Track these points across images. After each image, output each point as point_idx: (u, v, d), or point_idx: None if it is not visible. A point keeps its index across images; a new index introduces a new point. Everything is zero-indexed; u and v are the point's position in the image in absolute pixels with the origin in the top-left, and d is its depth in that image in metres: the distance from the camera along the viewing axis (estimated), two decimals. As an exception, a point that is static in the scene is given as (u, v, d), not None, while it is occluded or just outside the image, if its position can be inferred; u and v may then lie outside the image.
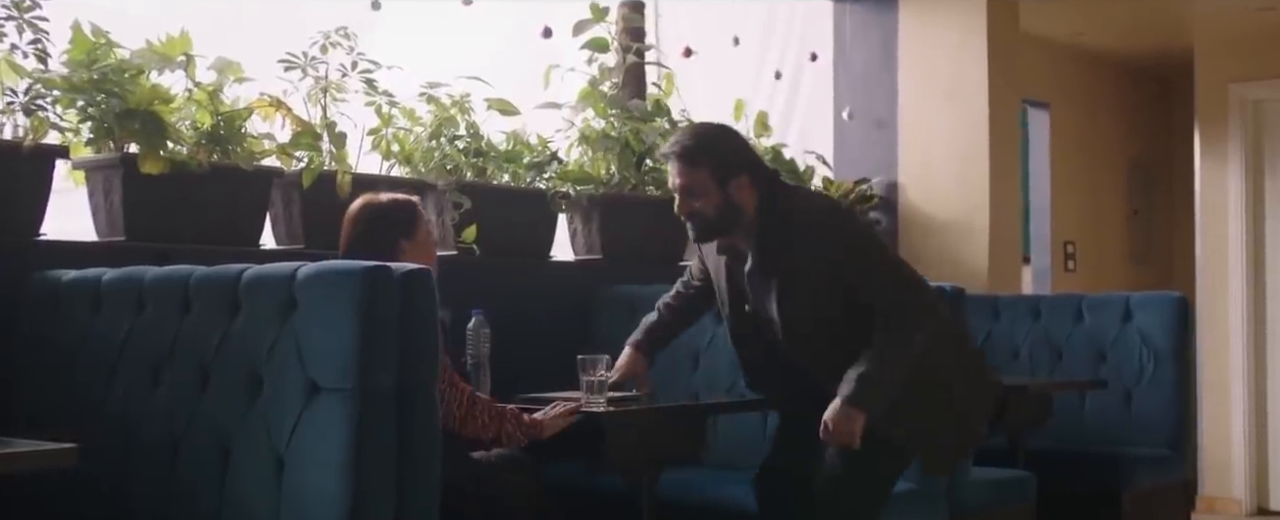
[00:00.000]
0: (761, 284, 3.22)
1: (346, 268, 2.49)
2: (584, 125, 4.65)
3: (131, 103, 3.40)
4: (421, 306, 2.51)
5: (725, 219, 3.20)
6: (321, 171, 3.83)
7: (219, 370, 2.64)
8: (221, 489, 2.57)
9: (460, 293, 4.09)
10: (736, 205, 3.19)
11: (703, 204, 3.20)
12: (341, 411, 2.42)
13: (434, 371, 2.53)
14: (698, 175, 3.19)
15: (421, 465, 2.51)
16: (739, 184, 3.19)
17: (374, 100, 3.99)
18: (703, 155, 3.19)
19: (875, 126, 6.02)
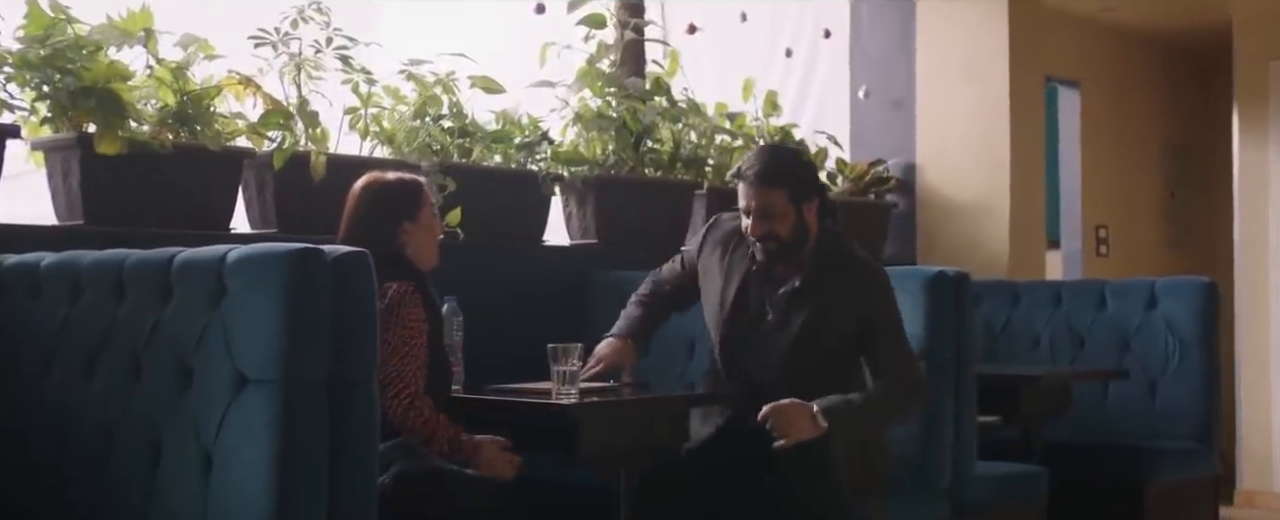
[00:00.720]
0: (797, 305, 3.25)
1: (274, 250, 2.33)
2: (580, 105, 4.47)
3: (87, 80, 3.26)
4: (358, 291, 2.34)
5: (795, 241, 3.25)
6: (295, 152, 3.67)
7: (150, 360, 2.49)
8: (152, 484, 2.42)
9: (443, 278, 3.95)
10: (806, 227, 3.26)
11: (779, 226, 3.23)
12: (268, 405, 2.26)
13: (372, 362, 2.35)
14: (776, 196, 3.21)
15: (358, 463, 2.34)
16: (810, 207, 3.26)
17: (350, 78, 3.82)
18: (781, 176, 3.23)
19: (892, 106, 5.81)
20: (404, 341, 2.84)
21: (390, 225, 3.02)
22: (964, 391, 3.66)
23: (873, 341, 3.22)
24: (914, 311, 3.60)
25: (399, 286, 2.89)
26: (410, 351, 2.85)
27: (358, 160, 3.88)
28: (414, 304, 2.89)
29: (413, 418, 2.81)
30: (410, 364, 2.83)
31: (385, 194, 3.08)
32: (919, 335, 3.59)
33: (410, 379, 2.83)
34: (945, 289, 3.63)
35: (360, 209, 3.05)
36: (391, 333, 2.83)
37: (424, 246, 3.08)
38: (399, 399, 2.81)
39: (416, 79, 3.95)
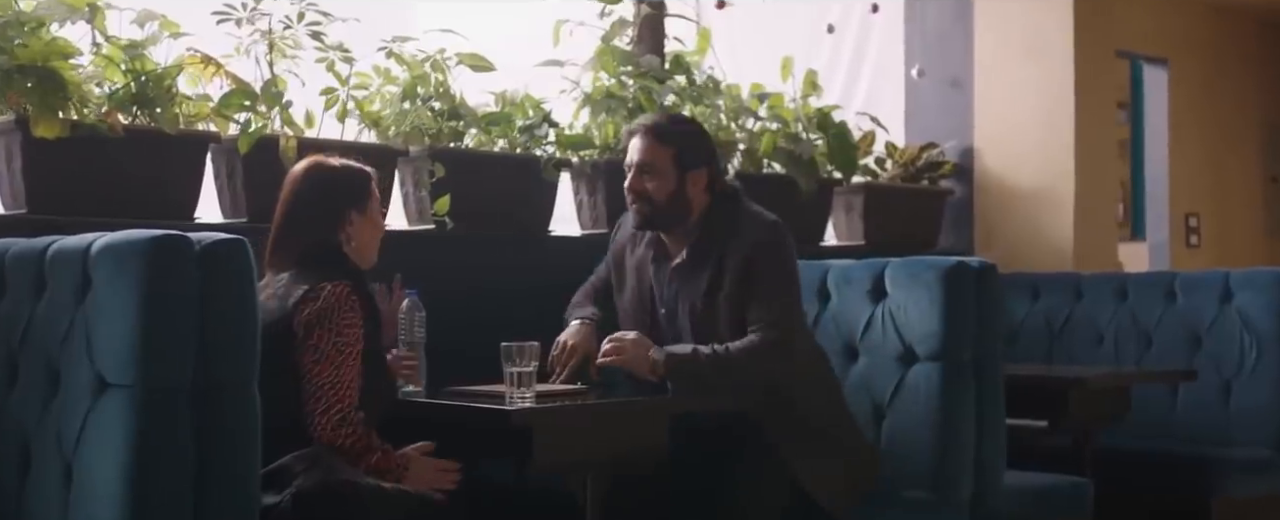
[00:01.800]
0: (689, 280, 3.14)
1: (133, 239, 2.07)
2: (594, 85, 4.16)
3: (23, 58, 3.04)
4: (232, 286, 2.08)
5: (672, 209, 3.14)
6: (263, 136, 3.43)
7: (24, 360, 2.26)
8: (20, 496, 2.19)
9: (430, 270, 3.68)
10: (686, 198, 3.14)
11: (656, 186, 3.13)
12: (124, 413, 2.01)
13: (252, 365, 2.08)
14: (662, 154, 3.14)
15: (232, 480, 2.08)
16: (696, 178, 3.14)
17: (325, 56, 3.57)
18: (672, 136, 3.16)
19: (949, 86, 5.42)
20: (338, 350, 2.56)
21: (335, 214, 2.75)
22: (988, 394, 3.29)
23: (748, 294, 3.04)
24: (930, 305, 3.25)
25: (334, 288, 2.60)
26: (345, 360, 2.56)
27: (333, 145, 3.62)
28: (350, 308, 2.60)
29: (344, 435, 2.53)
30: (345, 374, 2.55)
31: (331, 180, 2.80)
32: (935, 331, 3.24)
33: (344, 391, 2.55)
34: (964, 282, 3.27)
35: (301, 194, 2.77)
36: (324, 339, 2.55)
37: (367, 242, 2.80)
38: (329, 414, 2.52)
39: (398, 57, 3.68)
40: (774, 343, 3.02)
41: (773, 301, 3.05)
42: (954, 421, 3.23)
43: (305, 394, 2.50)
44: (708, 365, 3.00)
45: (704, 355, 3.01)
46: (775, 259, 3.08)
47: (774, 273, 3.07)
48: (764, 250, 3.07)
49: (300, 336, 2.54)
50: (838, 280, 3.48)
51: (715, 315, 3.08)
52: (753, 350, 3.01)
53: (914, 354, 3.29)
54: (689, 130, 3.24)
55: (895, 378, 3.31)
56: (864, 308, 3.40)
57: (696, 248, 3.12)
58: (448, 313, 3.52)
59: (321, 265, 2.65)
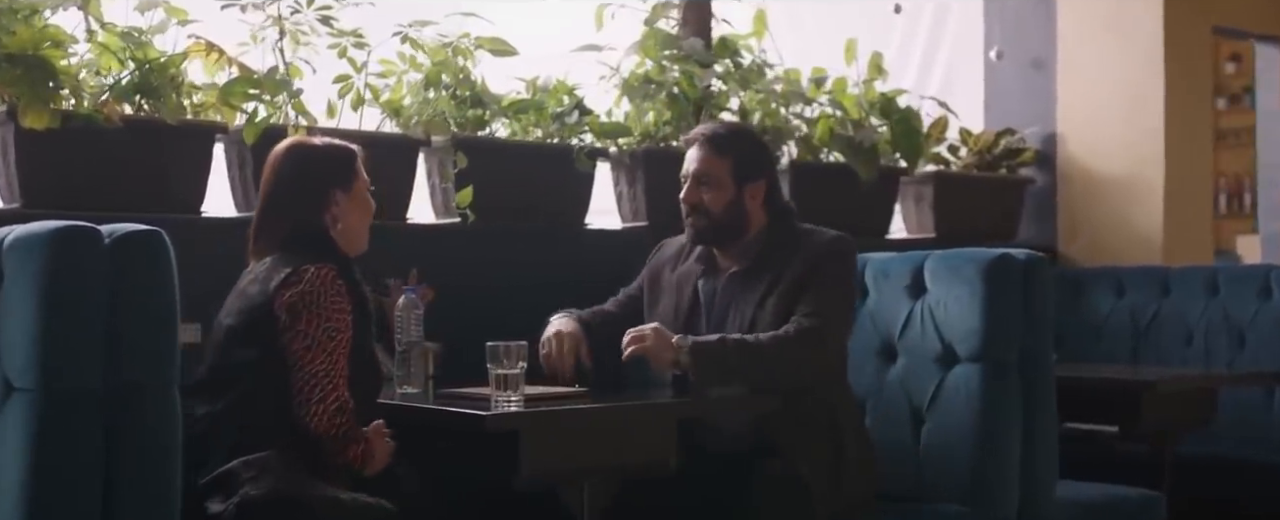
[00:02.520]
0: (743, 290, 2.95)
1: (39, 230, 1.92)
2: (631, 71, 3.96)
3: (11, 46, 2.94)
4: (148, 280, 1.92)
5: (729, 223, 2.97)
6: (270, 126, 3.29)
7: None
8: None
9: (456, 265, 3.53)
10: (743, 211, 2.97)
11: (713, 198, 2.96)
12: (26, 419, 1.86)
13: (170, 366, 1.93)
14: (719, 165, 2.97)
15: (148, 489, 1.92)
16: (754, 190, 2.98)
17: (338, 42, 3.42)
18: (729, 145, 2.99)
19: (1029, 68, 5.10)
20: (329, 336, 2.40)
21: (318, 194, 2.58)
22: (1037, 397, 3.01)
23: (800, 298, 2.86)
24: (971, 302, 2.99)
25: (318, 270, 2.44)
26: (337, 347, 2.40)
27: (348, 134, 3.47)
28: (336, 291, 2.45)
29: (338, 425, 2.38)
30: (339, 362, 2.40)
31: (313, 159, 2.64)
32: (976, 330, 2.98)
33: (339, 380, 2.39)
34: (1008, 275, 3.00)
35: (282, 175, 2.62)
36: (313, 324, 2.40)
37: (355, 225, 2.63)
38: (325, 403, 2.37)
39: (415, 42, 3.51)
40: (808, 331, 2.80)
41: (820, 299, 2.85)
42: (997, 427, 2.97)
43: (297, 382, 2.36)
44: (735, 352, 2.78)
45: (732, 342, 2.80)
46: (836, 268, 2.90)
47: (830, 279, 2.88)
48: (828, 259, 2.90)
49: (284, 321, 2.41)
50: (876, 275, 3.23)
51: (764, 325, 2.87)
52: (784, 338, 2.80)
53: (954, 354, 3.03)
54: (748, 140, 3.08)
55: (934, 380, 3.05)
56: (902, 304, 3.15)
57: (758, 260, 2.94)
58: (474, 310, 3.36)
59: (306, 249, 2.50)
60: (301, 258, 2.49)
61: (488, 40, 3.58)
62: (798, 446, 2.85)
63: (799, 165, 4.28)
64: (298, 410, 2.36)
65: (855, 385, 3.19)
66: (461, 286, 3.53)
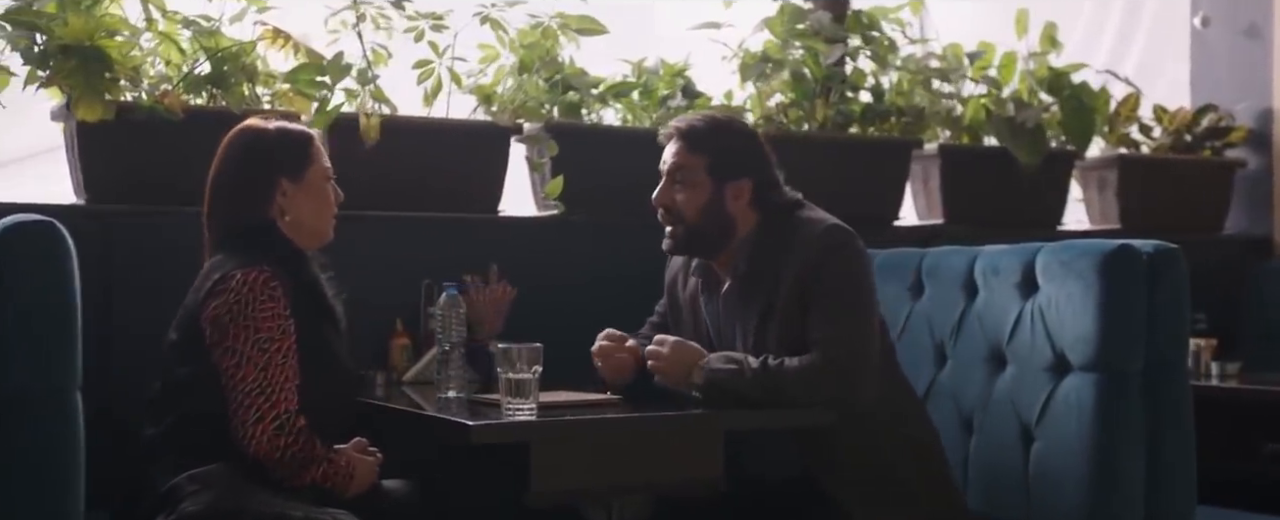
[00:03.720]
0: (739, 308, 2.64)
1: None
2: (743, 50, 3.65)
3: (66, 36, 2.88)
4: (38, 277, 1.78)
5: (708, 228, 2.65)
6: (341, 115, 3.15)
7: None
8: None
9: (542, 262, 3.31)
10: (725, 215, 2.64)
11: (687, 197, 2.64)
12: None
13: (69, 369, 1.77)
14: (694, 161, 2.65)
15: (43, 502, 1.76)
16: (736, 190, 2.64)
17: (415, 25, 3.24)
18: (708, 140, 2.66)
19: (1242, 36, 4.50)
20: (259, 349, 2.19)
21: (263, 184, 2.37)
22: (1168, 413, 2.57)
23: (813, 314, 2.51)
24: (1084, 301, 2.56)
25: (245, 275, 2.23)
26: (271, 359, 2.19)
27: (425, 123, 3.31)
28: (270, 296, 2.22)
29: (284, 444, 2.17)
30: (274, 375, 2.19)
31: (258, 144, 2.42)
32: (1089, 334, 2.55)
33: (278, 395, 2.18)
34: (1130, 270, 2.56)
35: (225, 163, 2.43)
36: (240, 338, 2.19)
37: (308, 217, 2.41)
38: (264, 423, 2.16)
39: (496, 23, 3.30)
40: (836, 365, 2.45)
41: (837, 315, 2.49)
42: (1115, 448, 2.54)
43: (232, 403, 2.16)
44: (752, 383, 2.47)
45: (750, 370, 2.47)
46: (838, 266, 2.53)
47: (837, 282, 2.52)
48: (824, 257, 2.53)
49: (212, 337, 2.21)
50: (985, 270, 2.83)
51: (767, 343, 2.56)
52: (809, 371, 2.46)
53: (1066, 362, 2.61)
54: (729, 134, 2.70)
55: (1044, 392, 2.64)
56: (1012, 304, 2.74)
57: (748, 271, 2.61)
58: (568, 309, 3.14)
59: (249, 246, 2.30)
60: (243, 256, 2.29)
61: (575, 19, 3.34)
62: (835, 469, 2.51)
63: (949, 150, 3.88)
64: (235, 433, 2.16)
65: (961, 396, 2.81)
66: (555, 283, 3.33)
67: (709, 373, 2.50)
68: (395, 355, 3.10)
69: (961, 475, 2.80)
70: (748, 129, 2.78)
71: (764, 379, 2.45)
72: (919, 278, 3.01)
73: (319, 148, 2.45)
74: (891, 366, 2.66)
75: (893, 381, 2.65)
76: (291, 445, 2.16)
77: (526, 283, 3.24)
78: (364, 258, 3.19)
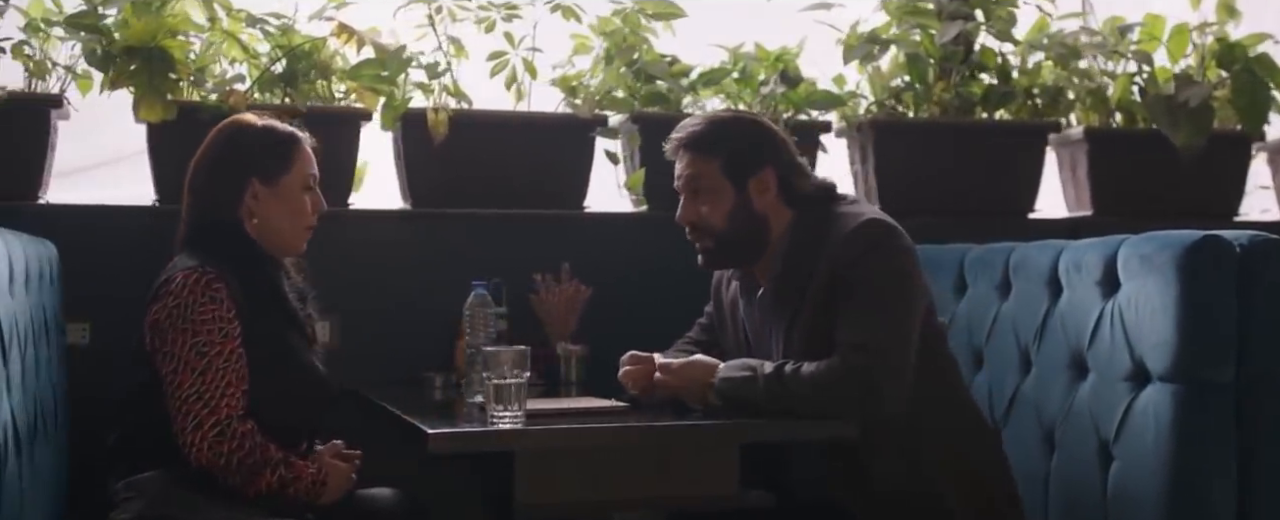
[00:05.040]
0: (773, 312, 2.42)
1: None
2: (851, 32, 3.40)
3: (130, 39, 2.90)
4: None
5: (741, 234, 2.43)
6: (409, 110, 3.09)
7: None
8: None
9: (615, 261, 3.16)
10: (755, 215, 2.42)
11: (712, 208, 2.43)
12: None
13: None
14: (709, 167, 2.44)
15: None
16: (760, 183, 2.43)
17: (486, 16, 3.14)
18: (718, 142, 2.45)
19: None
20: (198, 353, 2.09)
21: (232, 182, 2.27)
22: (1268, 430, 2.20)
23: (842, 315, 2.27)
24: (1163, 301, 2.22)
25: (185, 277, 2.14)
26: (210, 364, 2.09)
27: (500, 116, 3.20)
28: (211, 299, 2.12)
29: (227, 451, 2.07)
30: (212, 380, 2.08)
31: (235, 141, 2.31)
32: (1167, 339, 2.21)
33: (218, 401, 2.08)
34: (1217, 266, 2.20)
35: (201, 159, 2.34)
36: (179, 342, 2.11)
37: (277, 223, 2.30)
38: (203, 430, 2.07)
39: (570, 11, 3.15)
40: (857, 372, 2.21)
41: (864, 317, 2.25)
42: (1198, 469, 2.19)
43: (171, 410, 2.09)
44: (766, 393, 2.25)
45: (763, 377, 2.26)
46: (872, 264, 2.28)
47: (869, 282, 2.27)
48: (857, 254, 2.29)
49: (152, 341, 2.14)
50: (1069, 266, 2.50)
51: (795, 347, 2.34)
52: (826, 377, 2.22)
53: (1145, 371, 2.27)
54: (737, 129, 2.48)
55: (1123, 405, 2.30)
56: (1093, 304, 2.41)
57: (783, 272, 2.39)
58: (646, 309, 2.99)
59: (209, 245, 2.22)
60: (200, 256, 2.20)
61: (653, 3, 3.16)
62: (864, 492, 2.26)
63: (1097, 134, 3.52)
64: (178, 440, 2.08)
65: (1043, 408, 2.51)
66: (635, 282, 3.17)
67: (722, 383, 2.30)
68: (459, 357, 2.99)
69: (1042, 496, 2.49)
70: (755, 120, 2.55)
71: (776, 386, 2.23)
72: (1006, 275, 2.70)
73: (304, 152, 2.35)
74: (940, 377, 2.39)
75: (944, 396, 2.39)
76: (236, 451, 2.07)
77: (605, 281, 3.10)
78: (434, 256, 3.12)
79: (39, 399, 2.32)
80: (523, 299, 3.06)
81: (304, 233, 2.33)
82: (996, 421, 2.65)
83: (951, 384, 2.42)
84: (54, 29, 2.95)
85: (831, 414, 2.21)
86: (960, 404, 2.43)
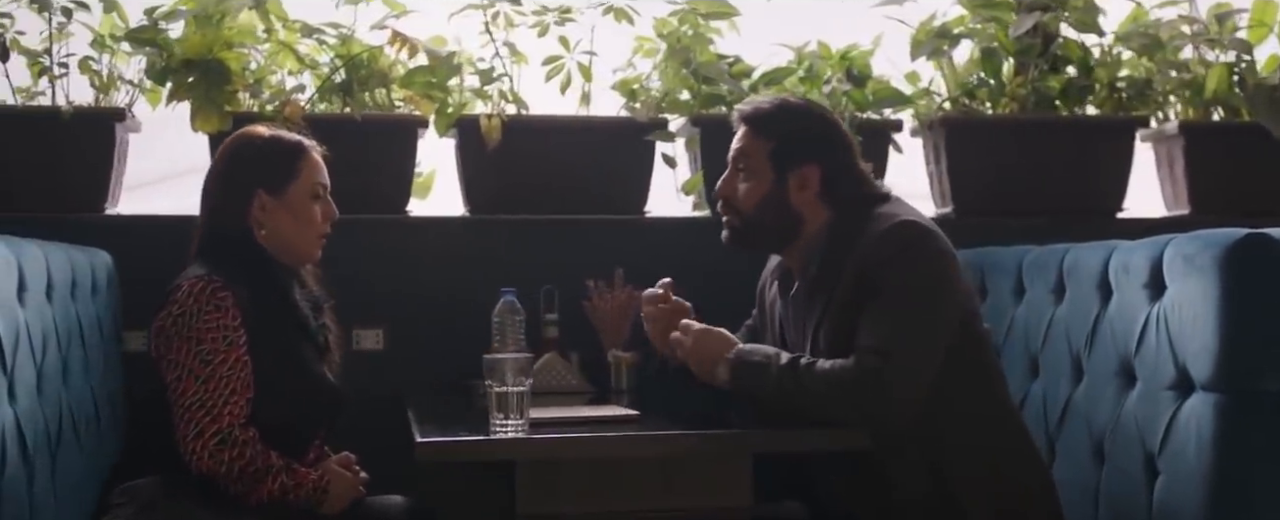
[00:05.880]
0: (805, 311, 2.34)
1: None
2: (921, 26, 3.27)
3: (188, 52, 2.96)
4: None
5: (767, 220, 2.36)
6: (463, 116, 3.08)
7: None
8: None
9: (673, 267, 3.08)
10: (790, 208, 2.35)
11: (749, 189, 2.37)
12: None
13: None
14: (759, 148, 2.38)
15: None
16: (802, 178, 2.34)
17: (541, 20, 3.12)
18: (776, 125, 2.38)
19: None
20: (202, 361, 2.09)
21: (239, 194, 2.27)
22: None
23: (867, 316, 2.18)
24: (1205, 305, 2.06)
25: (190, 285, 2.14)
26: (213, 372, 2.09)
27: (556, 121, 3.17)
28: (216, 307, 2.12)
29: (228, 459, 2.07)
30: (215, 389, 2.08)
31: (242, 153, 2.31)
32: (1209, 345, 2.05)
33: (220, 409, 2.08)
34: (1262, 266, 2.03)
35: (212, 170, 2.34)
36: (183, 350, 2.11)
37: (286, 233, 2.29)
38: (204, 438, 2.06)
39: (622, 13, 3.10)
40: (870, 376, 2.11)
41: (887, 321, 2.15)
42: (1240, 484, 2.02)
43: (175, 417, 2.10)
44: (776, 381, 2.17)
45: (777, 366, 2.18)
46: (901, 266, 2.18)
47: (896, 284, 2.17)
48: (887, 254, 2.20)
49: (157, 349, 2.15)
50: (1118, 267, 2.35)
51: (821, 349, 2.26)
52: (837, 378, 2.13)
53: (1189, 379, 2.12)
54: (800, 118, 2.39)
55: (1167, 415, 2.15)
56: (1141, 308, 2.26)
57: (818, 273, 2.31)
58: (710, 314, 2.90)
59: (219, 255, 2.23)
60: (208, 265, 2.20)
61: (705, 3, 3.10)
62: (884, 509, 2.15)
63: (1193, 128, 3.32)
64: (180, 448, 2.08)
65: (1093, 418, 2.36)
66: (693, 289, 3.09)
67: (735, 362, 2.23)
68: (515, 364, 2.98)
69: (1092, 512, 2.35)
70: (823, 113, 2.45)
71: (789, 378, 2.16)
72: (1061, 278, 2.56)
73: (312, 161, 2.34)
74: (976, 387, 2.27)
75: (979, 407, 2.27)
76: (237, 460, 2.07)
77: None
78: (488, 262, 3.10)
79: (69, 404, 2.36)
80: (578, 305, 3.02)
81: (316, 241, 2.33)
82: (1050, 433, 2.51)
83: (990, 395, 2.30)
84: (121, 44, 3.03)
85: (838, 416, 2.13)
86: (998, 418, 2.30)
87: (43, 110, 2.99)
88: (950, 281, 2.23)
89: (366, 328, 3.05)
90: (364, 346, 3.04)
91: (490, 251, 3.13)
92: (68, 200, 2.99)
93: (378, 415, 2.68)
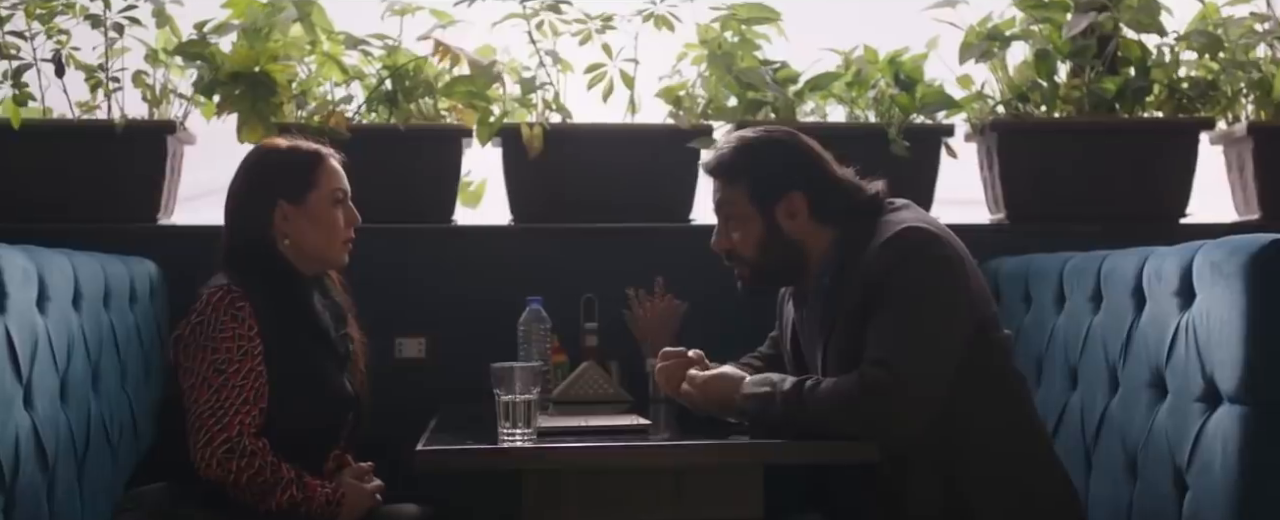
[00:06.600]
0: (816, 327, 2.32)
1: None
2: (970, 28, 3.20)
3: (235, 65, 3.01)
4: None
5: (774, 260, 2.34)
6: (505, 125, 3.09)
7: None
8: None
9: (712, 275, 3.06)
10: (789, 240, 2.32)
11: (742, 236, 2.35)
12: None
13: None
14: (735, 194, 2.36)
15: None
16: (789, 207, 2.32)
17: (583, 28, 3.11)
18: (742, 167, 2.35)
19: None
20: (216, 369, 2.11)
21: (261, 205, 2.29)
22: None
23: (871, 329, 2.14)
24: (1232, 313, 1.98)
25: (210, 294, 2.17)
26: (226, 381, 2.11)
27: (599, 130, 3.16)
28: (233, 316, 2.14)
29: (236, 469, 2.08)
30: (227, 397, 2.10)
31: (262, 164, 2.34)
32: (1236, 355, 1.96)
33: (230, 418, 2.09)
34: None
35: (233, 183, 2.36)
36: (200, 359, 2.13)
37: (310, 242, 2.30)
38: (213, 446, 2.07)
39: (663, 19, 3.08)
40: (875, 388, 2.07)
41: (891, 331, 2.11)
42: (1268, 501, 1.94)
43: (188, 424, 2.12)
44: (783, 408, 2.14)
45: (781, 394, 2.15)
46: (906, 274, 2.14)
47: (901, 293, 2.13)
48: (892, 262, 2.15)
49: (176, 357, 2.18)
50: (1151, 275, 2.27)
51: (830, 371, 2.23)
52: (842, 392, 2.10)
53: (1216, 391, 2.03)
54: (761, 151, 2.35)
55: (1195, 428, 2.07)
56: (1171, 317, 2.18)
57: (829, 287, 2.27)
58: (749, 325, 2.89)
59: (242, 265, 2.25)
60: (231, 275, 2.22)
61: (745, 8, 3.06)
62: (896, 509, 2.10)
63: (1263, 131, 3.20)
64: (193, 455, 2.10)
65: (1127, 432, 2.28)
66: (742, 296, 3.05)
67: (743, 403, 2.21)
68: (550, 372, 2.97)
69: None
70: (781, 139, 2.39)
71: (795, 404, 2.12)
72: (1098, 286, 2.47)
73: (330, 168, 2.35)
74: (994, 396, 2.21)
75: (997, 416, 2.21)
76: (245, 469, 2.08)
77: (708, 294, 3.01)
78: (531, 271, 3.10)
79: (100, 411, 2.41)
80: (619, 314, 3.01)
81: (341, 247, 2.35)
82: (1088, 446, 2.43)
83: (1007, 404, 2.23)
84: (173, 58, 3.09)
85: (847, 431, 2.08)
86: (1017, 427, 2.23)
87: (97, 123, 3.06)
88: (956, 287, 2.18)
89: (409, 336, 3.07)
90: (406, 355, 3.06)
91: (533, 260, 3.13)
92: (120, 210, 3.06)
93: (417, 423, 2.69)
